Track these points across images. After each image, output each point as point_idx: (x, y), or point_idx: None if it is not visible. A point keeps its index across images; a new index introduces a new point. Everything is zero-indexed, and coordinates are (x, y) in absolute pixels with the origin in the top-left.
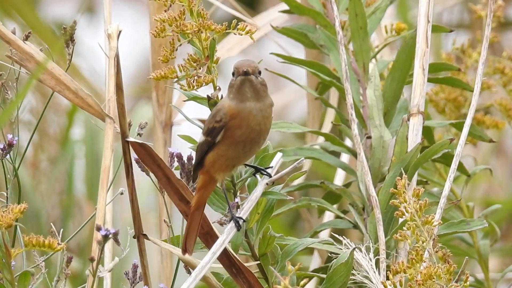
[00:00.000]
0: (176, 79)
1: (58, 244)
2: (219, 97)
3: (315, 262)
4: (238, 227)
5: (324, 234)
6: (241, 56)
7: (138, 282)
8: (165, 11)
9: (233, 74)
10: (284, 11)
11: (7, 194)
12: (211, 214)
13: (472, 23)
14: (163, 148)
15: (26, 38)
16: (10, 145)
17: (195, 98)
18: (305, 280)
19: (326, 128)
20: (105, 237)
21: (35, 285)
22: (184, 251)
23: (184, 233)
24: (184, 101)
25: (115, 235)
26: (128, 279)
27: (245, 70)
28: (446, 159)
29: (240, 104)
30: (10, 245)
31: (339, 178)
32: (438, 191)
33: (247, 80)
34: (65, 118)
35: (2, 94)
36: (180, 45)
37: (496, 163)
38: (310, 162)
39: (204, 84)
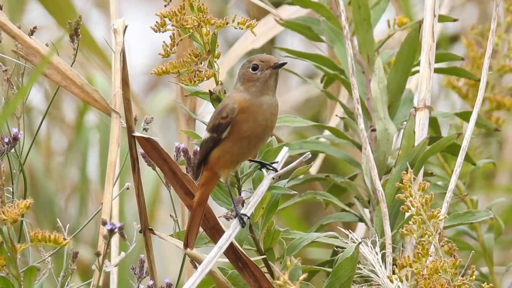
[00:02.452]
0: (178, 74)
1: (64, 239)
2: (221, 92)
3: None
4: (243, 224)
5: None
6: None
7: (145, 277)
8: (165, 5)
9: (256, 67)
10: (288, 3)
11: (13, 189)
12: (217, 208)
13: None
14: (187, 140)
15: (32, 33)
16: (15, 139)
17: (197, 93)
18: (304, 275)
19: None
20: (111, 232)
21: (41, 281)
22: (186, 246)
23: (186, 229)
24: (186, 96)
25: (121, 229)
26: (134, 274)
27: (276, 61)
28: (452, 149)
29: (255, 98)
30: (16, 240)
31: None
32: (442, 185)
33: (276, 74)
34: (80, 104)
35: (8, 88)
36: (181, 40)
37: None
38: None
39: (205, 79)
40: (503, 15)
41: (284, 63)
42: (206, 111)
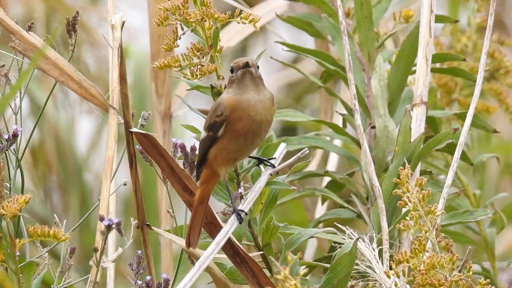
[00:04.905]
0: (179, 68)
1: (63, 234)
2: (223, 86)
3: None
4: (240, 220)
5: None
6: (240, 46)
7: (142, 272)
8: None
9: (231, 71)
10: None
11: (10, 184)
12: (215, 204)
13: None
14: (162, 138)
15: (29, 28)
16: (14, 136)
17: (198, 88)
18: (305, 270)
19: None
20: (109, 227)
21: (39, 276)
22: (188, 245)
23: (188, 227)
24: (187, 90)
25: (118, 225)
26: (132, 269)
27: (245, 62)
28: (450, 149)
29: (239, 96)
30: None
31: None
32: (444, 179)
33: (248, 72)
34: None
35: (5, 84)
36: (184, 33)
37: None
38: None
39: (207, 73)
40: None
41: (247, 63)
42: (181, 109)
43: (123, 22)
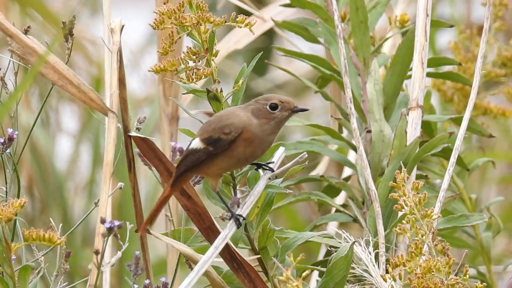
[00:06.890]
0: (175, 72)
1: (58, 238)
2: (218, 90)
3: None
4: (238, 224)
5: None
6: (247, 48)
7: (140, 273)
8: (165, 3)
9: (275, 106)
10: (285, 5)
11: (6, 188)
12: (213, 208)
13: None
14: (169, 141)
15: (26, 32)
16: (10, 140)
17: (194, 91)
18: (307, 272)
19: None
20: (110, 230)
21: (35, 280)
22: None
23: (149, 215)
24: (184, 94)
25: (119, 227)
26: (130, 271)
27: (296, 105)
28: (446, 153)
29: (263, 133)
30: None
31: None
32: (440, 183)
33: (290, 117)
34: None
35: (1, 87)
36: (180, 37)
37: None
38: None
39: (203, 77)
40: (492, 20)
41: (306, 109)
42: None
43: (122, 26)
